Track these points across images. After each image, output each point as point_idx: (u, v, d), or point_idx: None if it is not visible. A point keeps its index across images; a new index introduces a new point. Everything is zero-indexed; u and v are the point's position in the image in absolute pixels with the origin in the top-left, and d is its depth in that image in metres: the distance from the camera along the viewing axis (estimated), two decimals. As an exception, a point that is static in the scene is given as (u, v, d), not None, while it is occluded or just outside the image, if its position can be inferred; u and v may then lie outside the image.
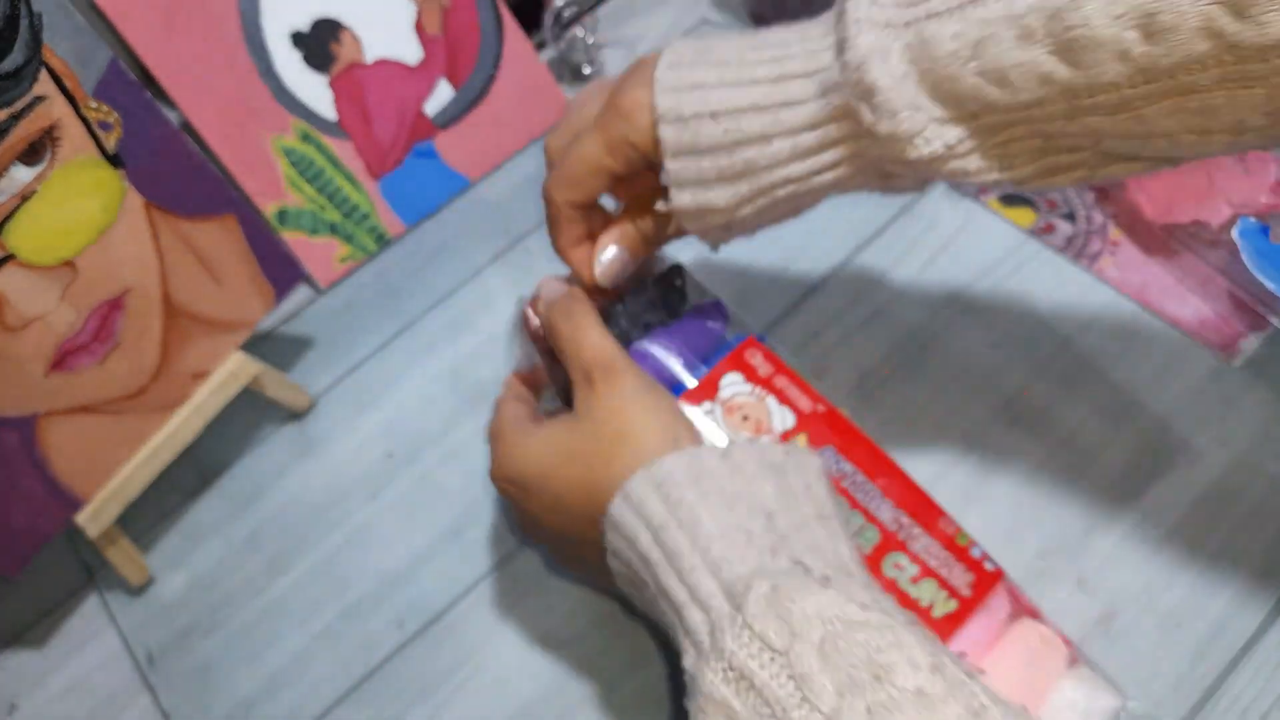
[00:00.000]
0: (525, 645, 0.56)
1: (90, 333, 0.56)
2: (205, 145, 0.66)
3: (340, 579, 0.60)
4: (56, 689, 0.59)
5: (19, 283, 0.53)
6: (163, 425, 0.60)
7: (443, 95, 0.73)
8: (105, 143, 0.54)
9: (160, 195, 0.57)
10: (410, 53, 0.72)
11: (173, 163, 0.57)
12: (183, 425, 0.60)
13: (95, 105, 0.53)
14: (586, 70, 0.78)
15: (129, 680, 0.59)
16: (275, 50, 0.68)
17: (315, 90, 0.70)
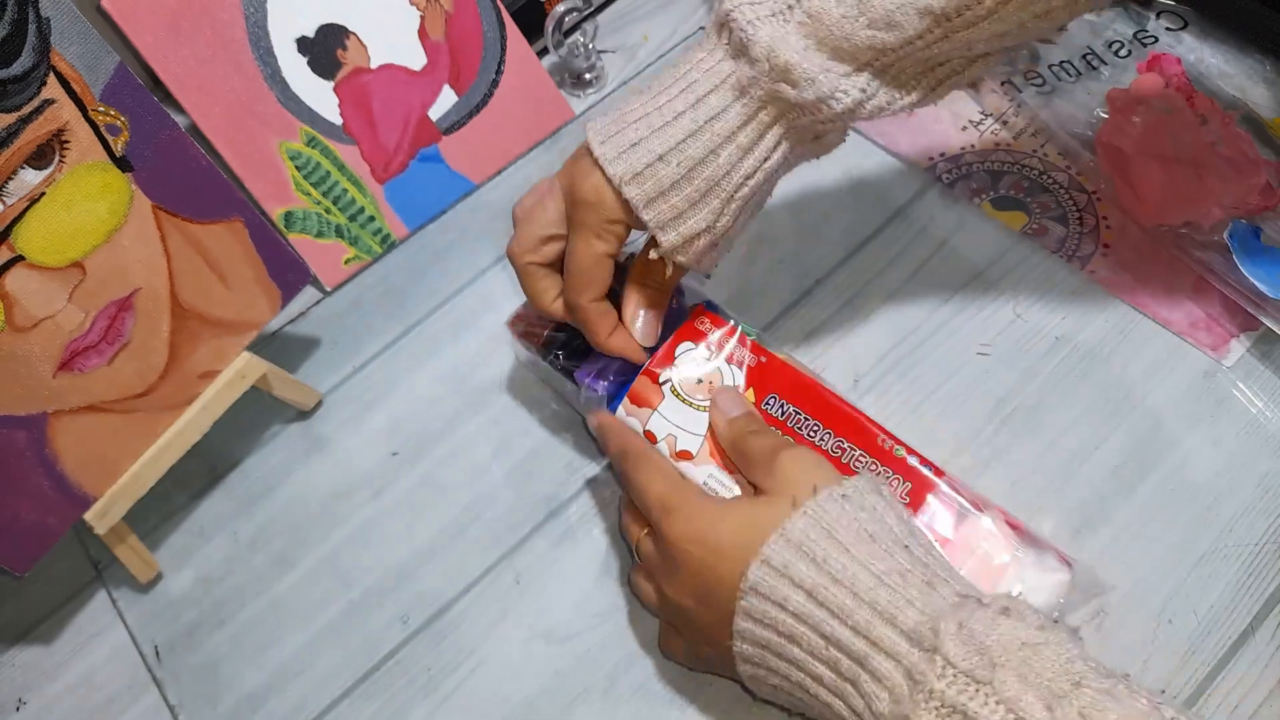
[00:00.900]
0: (528, 640, 0.57)
1: (98, 333, 0.56)
2: (212, 149, 0.67)
3: (345, 575, 0.61)
4: (65, 684, 0.60)
5: (28, 284, 0.53)
6: (171, 424, 0.60)
7: (446, 100, 0.74)
8: (113, 146, 0.55)
9: (168, 198, 0.57)
10: (414, 59, 0.73)
11: (180, 166, 0.57)
12: (190, 424, 0.61)
13: (103, 109, 0.54)
14: (588, 76, 0.79)
15: (137, 675, 0.60)
16: (281, 56, 0.69)
17: (321, 95, 0.70)
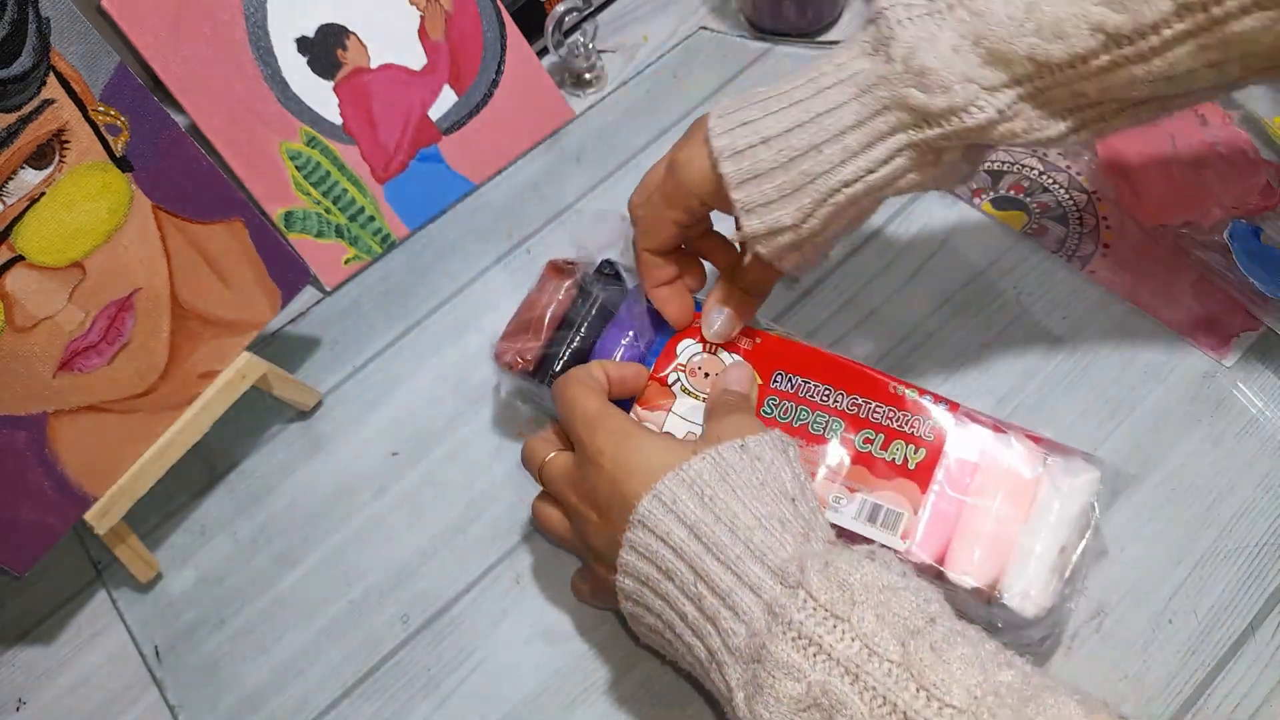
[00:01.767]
0: (528, 639, 0.57)
1: (98, 333, 0.56)
2: (212, 149, 0.67)
3: (346, 575, 0.61)
4: (65, 684, 0.60)
5: (28, 283, 0.53)
6: (171, 424, 0.60)
7: (446, 100, 0.74)
8: (113, 146, 0.55)
9: (168, 198, 0.57)
10: (414, 58, 0.73)
11: (180, 166, 0.57)
12: (191, 424, 0.61)
13: (103, 109, 0.54)
14: (588, 76, 0.79)
15: (137, 675, 0.60)
16: (281, 55, 0.69)
17: (321, 95, 0.70)
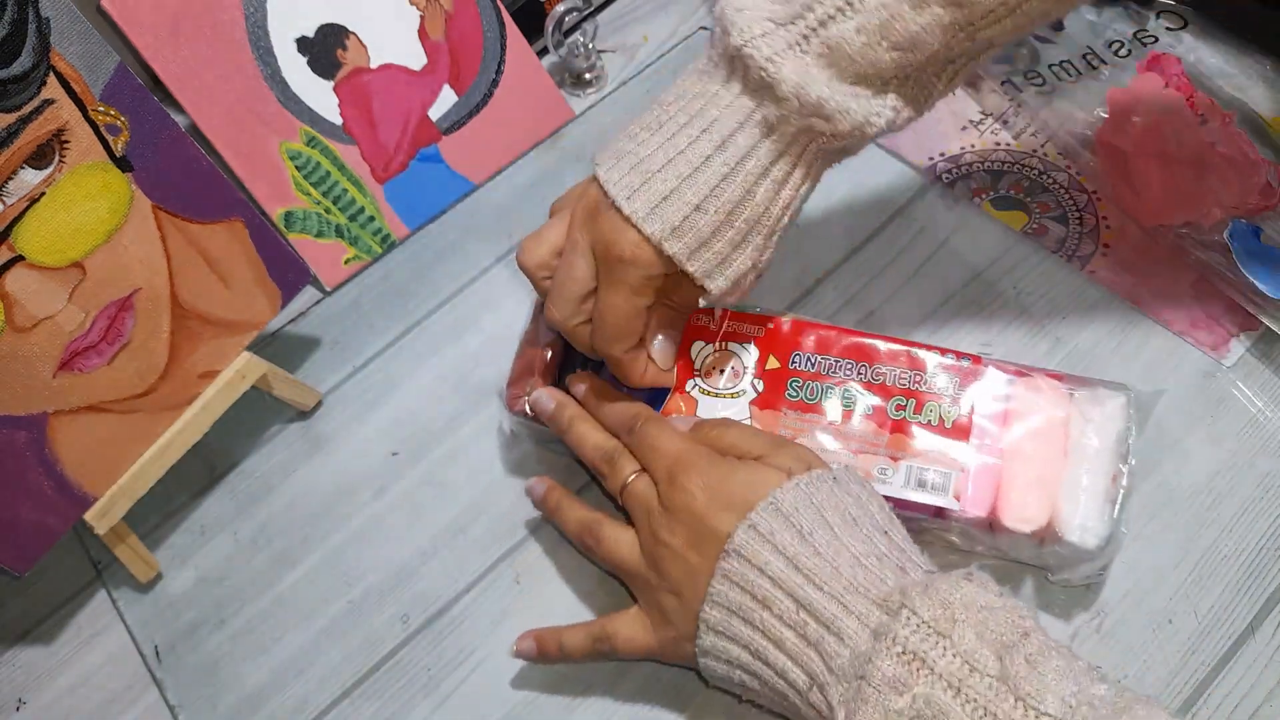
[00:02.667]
0: (527, 640, 0.57)
1: (98, 333, 0.56)
2: (212, 149, 0.67)
3: (346, 575, 0.61)
4: (65, 684, 0.60)
5: (28, 283, 0.53)
6: (171, 424, 0.60)
7: (446, 100, 0.74)
8: (113, 146, 0.55)
9: (168, 198, 0.57)
10: (414, 58, 0.73)
11: (180, 166, 0.57)
12: (191, 423, 0.61)
13: (103, 109, 0.54)
14: (588, 76, 0.79)
15: (137, 675, 0.60)
16: (281, 55, 0.69)
17: (321, 95, 0.70)
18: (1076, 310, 0.62)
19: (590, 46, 0.78)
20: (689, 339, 0.57)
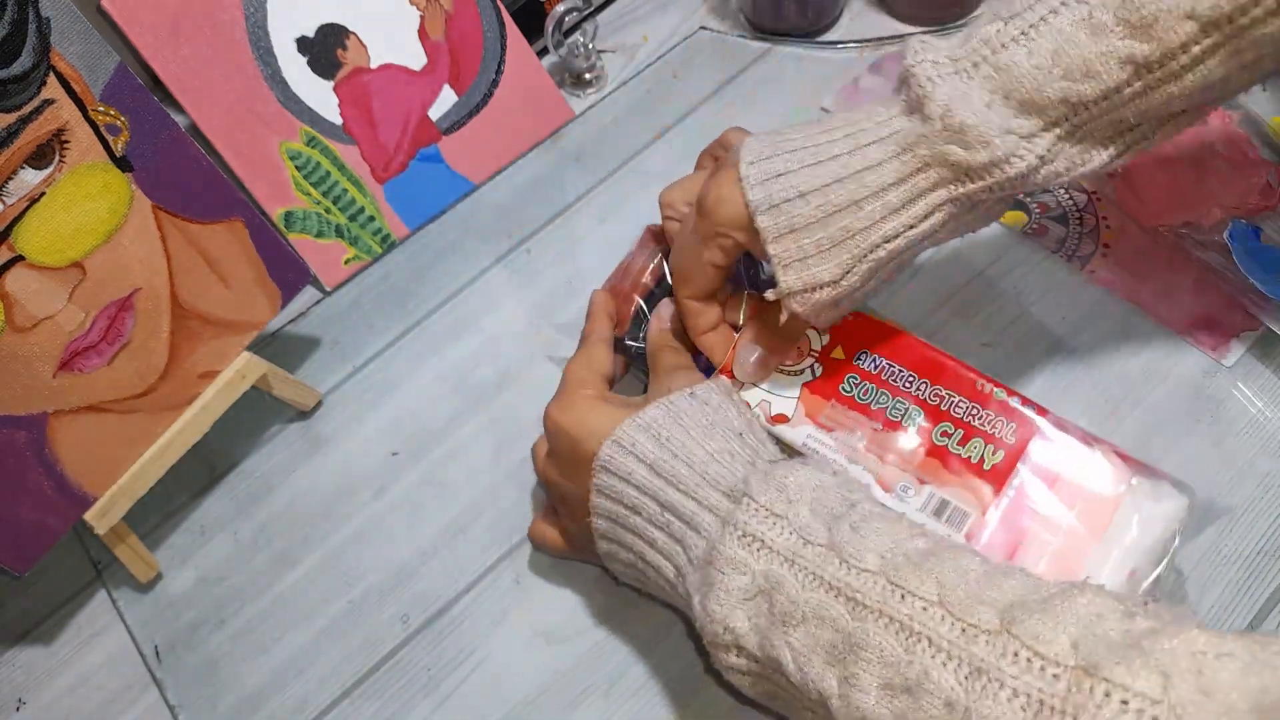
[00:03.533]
0: (528, 639, 0.57)
1: (98, 333, 0.56)
2: (213, 149, 0.67)
3: (346, 574, 0.61)
4: (65, 684, 0.60)
5: (28, 283, 0.53)
6: (171, 424, 0.60)
7: (446, 100, 0.74)
8: (113, 146, 0.55)
9: (168, 198, 0.57)
10: (414, 58, 0.73)
11: (180, 166, 0.57)
12: (191, 423, 0.61)
13: (103, 109, 0.54)
14: (588, 76, 0.79)
15: (137, 675, 0.60)
16: (281, 56, 0.69)
17: (321, 95, 0.70)
18: (1076, 310, 0.62)
19: (590, 47, 0.78)
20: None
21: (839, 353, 0.55)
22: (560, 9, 0.75)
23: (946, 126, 0.44)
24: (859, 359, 0.54)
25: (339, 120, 0.71)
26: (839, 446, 0.53)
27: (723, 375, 0.54)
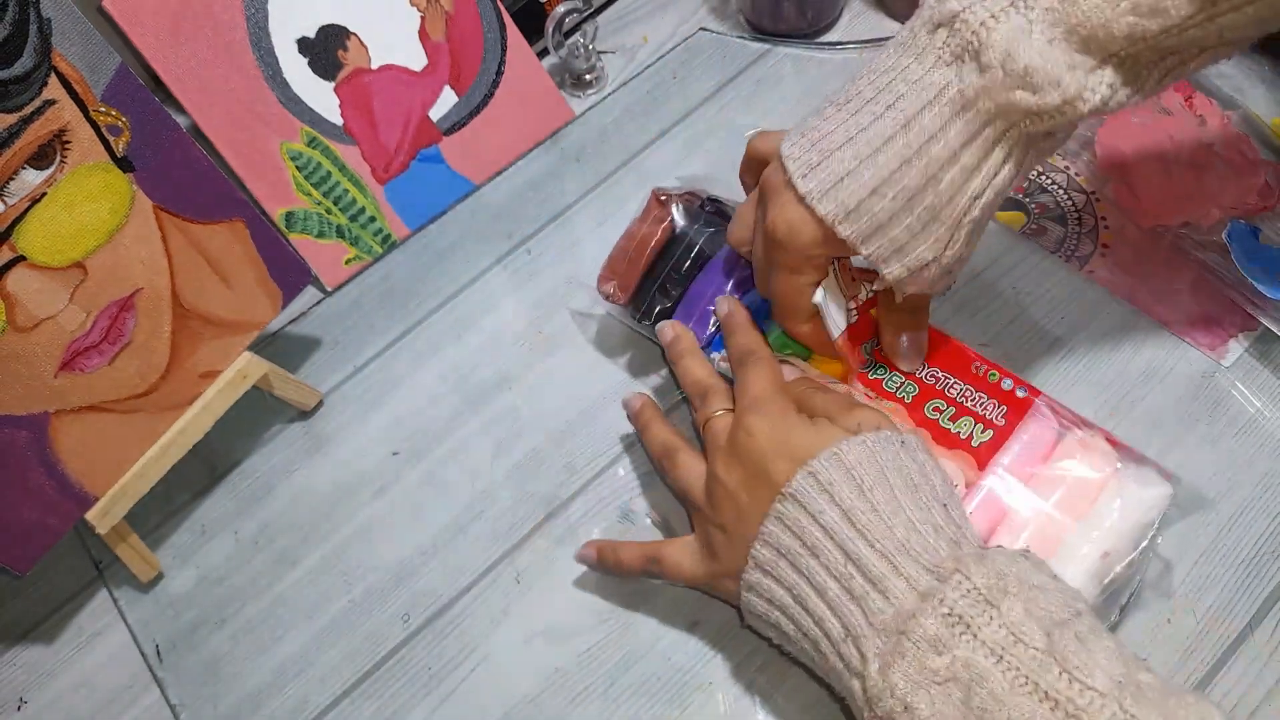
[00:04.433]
0: (528, 639, 0.57)
1: (100, 333, 0.57)
2: (213, 150, 0.67)
3: (346, 574, 0.61)
4: (66, 684, 0.60)
5: (29, 284, 0.54)
6: (172, 423, 0.61)
7: (447, 101, 0.74)
8: (114, 147, 0.55)
9: (169, 199, 0.58)
10: (415, 59, 0.73)
11: (181, 167, 0.58)
12: (192, 423, 0.61)
13: (104, 109, 0.54)
14: (588, 76, 0.79)
15: (138, 674, 0.60)
16: (282, 56, 0.69)
17: (322, 96, 0.71)
18: (1075, 310, 0.62)
19: (590, 47, 0.78)
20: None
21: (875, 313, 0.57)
22: (560, 10, 0.75)
23: (1008, 73, 0.41)
24: (864, 347, 0.57)
25: (340, 121, 0.71)
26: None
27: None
